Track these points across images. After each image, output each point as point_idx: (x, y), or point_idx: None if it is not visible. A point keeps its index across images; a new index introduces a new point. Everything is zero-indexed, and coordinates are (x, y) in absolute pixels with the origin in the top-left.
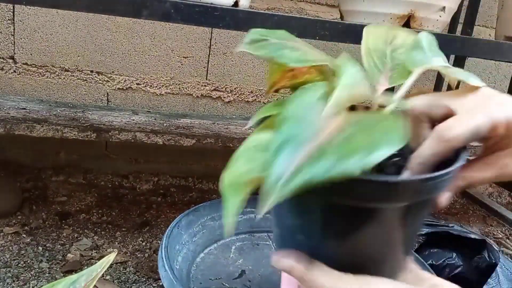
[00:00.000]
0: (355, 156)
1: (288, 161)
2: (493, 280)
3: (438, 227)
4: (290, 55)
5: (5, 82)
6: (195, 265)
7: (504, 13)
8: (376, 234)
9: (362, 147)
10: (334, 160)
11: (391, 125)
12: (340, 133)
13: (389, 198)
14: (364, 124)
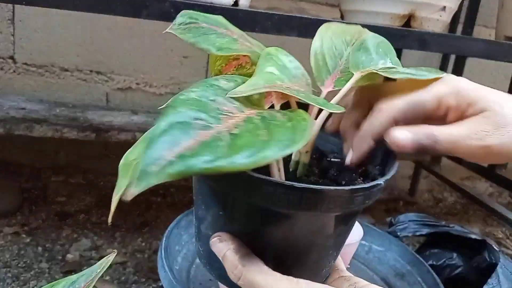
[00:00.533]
0: (239, 155)
1: (168, 148)
2: (493, 280)
3: (439, 227)
4: (214, 41)
5: (5, 82)
6: (194, 266)
7: (504, 13)
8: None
9: (252, 145)
10: (219, 154)
11: (296, 128)
12: (241, 126)
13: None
14: (269, 121)
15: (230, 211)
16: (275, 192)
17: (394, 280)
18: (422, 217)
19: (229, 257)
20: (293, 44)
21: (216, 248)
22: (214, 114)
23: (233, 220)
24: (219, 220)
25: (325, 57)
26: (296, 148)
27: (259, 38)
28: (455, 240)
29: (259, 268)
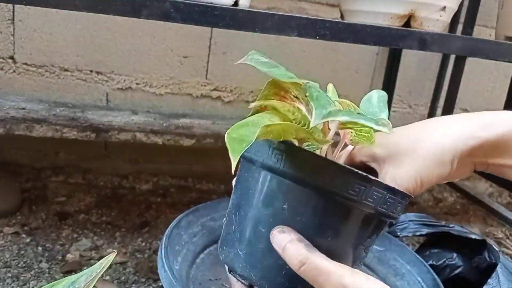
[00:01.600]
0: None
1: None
2: (493, 280)
3: (438, 227)
4: (284, 73)
5: (5, 82)
6: (195, 266)
7: (504, 13)
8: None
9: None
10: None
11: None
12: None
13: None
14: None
15: (295, 204)
16: (350, 181)
17: (394, 280)
18: (422, 217)
19: (293, 245)
20: (293, 44)
21: (277, 239)
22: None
23: (295, 214)
24: (280, 215)
25: None
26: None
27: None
28: (455, 240)
29: (323, 256)
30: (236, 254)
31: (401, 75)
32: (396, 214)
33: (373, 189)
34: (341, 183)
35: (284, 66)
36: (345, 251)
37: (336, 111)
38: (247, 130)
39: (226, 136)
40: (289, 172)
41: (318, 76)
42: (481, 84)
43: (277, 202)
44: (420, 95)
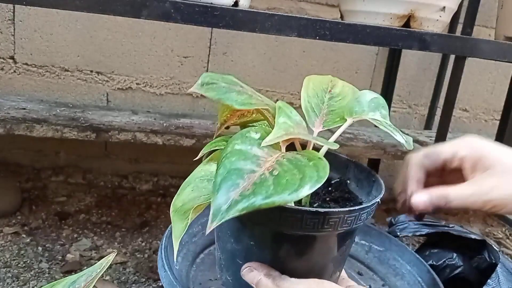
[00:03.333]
0: (287, 190)
1: (232, 190)
2: (493, 281)
3: (438, 227)
4: (236, 98)
5: (5, 82)
6: (195, 266)
7: (504, 13)
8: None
9: (293, 183)
10: (271, 191)
11: (318, 166)
12: (277, 168)
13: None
14: (296, 162)
15: (260, 241)
16: (303, 218)
17: (394, 280)
18: None
19: (263, 282)
20: (293, 44)
21: (248, 277)
22: (254, 160)
23: (262, 248)
24: (250, 250)
25: (312, 104)
26: (323, 181)
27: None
28: (455, 240)
29: (291, 283)
30: (226, 279)
31: (400, 75)
32: (362, 223)
33: (328, 218)
34: (294, 223)
35: (284, 66)
36: (320, 266)
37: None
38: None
39: (172, 208)
40: (245, 218)
41: None
42: (481, 84)
43: (244, 239)
44: (419, 95)
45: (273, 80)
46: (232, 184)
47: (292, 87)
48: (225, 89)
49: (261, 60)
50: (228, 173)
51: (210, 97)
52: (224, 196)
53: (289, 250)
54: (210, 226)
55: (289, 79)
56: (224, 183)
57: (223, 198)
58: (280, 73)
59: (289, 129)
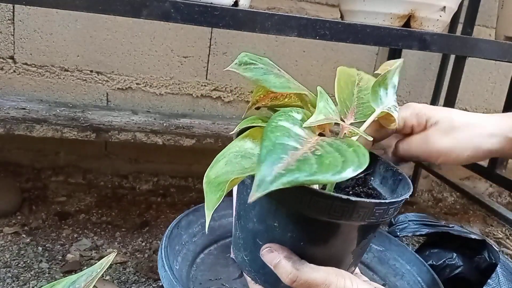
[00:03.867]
0: (330, 170)
1: (277, 163)
2: (493, 281)
3: (438, 227)
4: (274, 81)
5: (5, 82)
6: (195, 266)
7: (504, 13)
8: (336, 244)
9: (336, 165)
10: (315, 169)
11: (358, 153)
12: (319, 149)
13: (348, 215)
14: (337, 146)
15: (284, 223)
16: (333, 204)
17: (394, 280)
18: (422, 217)
19: (283, 265)
20: (293, 44)
21: (267, 258)
22: (296, 139)
23: (286, 230)
24: (272, 231)
25: (344, 96)
26: (364, 168)
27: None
28: (455, 240)
29: (310, 268)
30: (243, 258)
31: (401, 75)
32: (388, 218)
33: (358, 207)
34: (323, 209)
35: (284, 66)
36: (339, 256)
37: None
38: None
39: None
40: (275, 197)
41: (318, 76)
42: (481, 84)
43: (269, 220)
44: (420, 95)
45: None
46: (277, 158)
47: None
48: (263, 70)
49: None
50: (273, 146)
51: (248, 77)
52: (269, 168)
53: (312, 236)
54: (254, 194)
55: None
56: (269, 156)
57: (268, 170)
58: None
59: (329, 114)
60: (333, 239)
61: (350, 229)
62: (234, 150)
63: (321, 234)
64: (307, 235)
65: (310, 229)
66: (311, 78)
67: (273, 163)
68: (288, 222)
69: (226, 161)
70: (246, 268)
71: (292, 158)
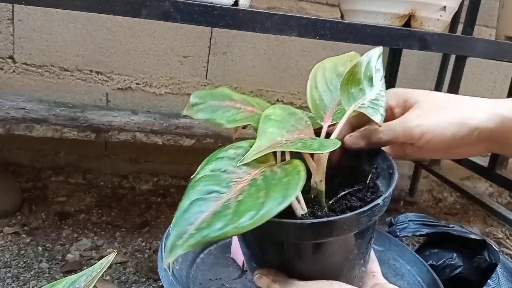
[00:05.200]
0: (242, 218)
1: (190, 224)
2: (493, 281)
3: (438, 227)
4: (222, 116)
5: (5, 82)
6: (195, 266)
7: (504, 13)
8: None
9: (252, 209)
10: (227, 221)
11: (290, 183)
12: (245, 190)
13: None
14: (270, 180)
15: (264, 248)
16: (299, 229)
17: (394, 280)
18: (422, 217)
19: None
20: (293, 44)
21: (259, 284)
22: (225, 184)
23: (267, 255)
24: (257, 255)
25: (321, 94)
26: (289, 201)
27: (259, 38)
28: (455, 240)
29: (297, 286)
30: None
31: (401, 75)
32: (377, 217)
33: (342, 224)
34: (307, 236)
35: (284, 66)
36: (334, 267)
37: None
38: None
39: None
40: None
41: None
42: (481, 84)
43: (252, 244)
44: None
45: (273, 80)
46: (191, 217)
47: (292, 87)
48: (212, 108)
49: (261, 60)
50: (190, 205)
51: (200, 120)
52: (180, 230)
53: (295, 256)
54: (166, 261)
55: (289, 79)
56: (184, 216)
57: (179, 232)
58: (280, 73)
59: (275, 139)
60: (321, 256)
61: (336, 243)
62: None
63: (305, 254)
64: (292, 257)
65: (293, 252)
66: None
67: (186, 224)
68: (269, 248)
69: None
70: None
71: (210, 212)
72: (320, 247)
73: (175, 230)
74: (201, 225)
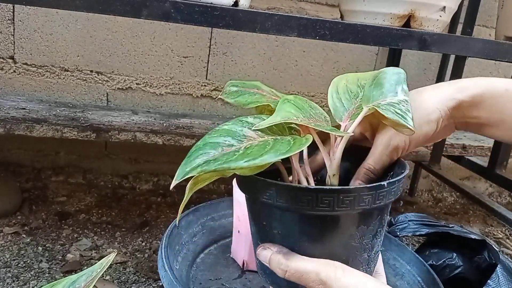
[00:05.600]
0: (245, 158)
1: (200, 157)
2: (493, 281)
3: (438, 227)
4: (247, 98)
5: (5, 82)
6: (195, 266)
7: (504, 13)
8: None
9: (255, 154)
10: (231, 159)
11: (295, 143)
12: (256, 144)
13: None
14: (279, 141)
15: (271, 221)
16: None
17: (394, 280)
18: (422, 217)
19: (274, 258)
20: (293, 44)
21: (262, 256)
22: (238, 138)
23: (272, 229)
24: (263, 231)
25: (341, 99)
26: (289, 154)
27: (259, 38)
28: (455, 240)
29: (300, 258)
30: (258, 262)
31: None
32: (381, 202)
33: (343, 196)
34: (308, 201)
35: (284, 66)
36: (333, 248)
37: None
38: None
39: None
40: (258, 196)
41: (318, 76)
42: None
43: (258, 219)
44: None
45: (273, 80)
46: (203, 153)
47: (292, 87)
48: (241, 92)
49: (261, 60)
50: (204, 144)
51: (230, 102)
52: (192, 160)
53: (299, 231)
54: (173, 182)
55: (289, 79)
56: (195, 151)
57: (189, 163)
58: (280, 73)
59: (290, 117)
60: (321, 231)
61: (339, 220)
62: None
63: (307, 229)
64: (295, 230)
65: (296, 225)
66: (311, 78)
67: (197, 157)
68: (274, 221)
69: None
70: (260, 271)
71: (220, 153)
72: (323, 223)
73: (186, 159)
74: (210, 159)
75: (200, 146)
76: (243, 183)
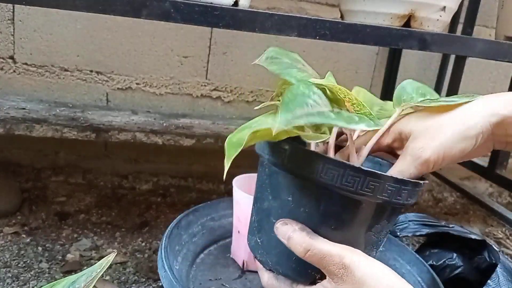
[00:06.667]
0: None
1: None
2: (493, 281)
3: (438, 227)
4: (295, 75)
5: (5, 82)
6: (194, 266)
7: (504, 13)
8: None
9: (352, 119)
10: (333, 118)
11: (374, 120)
12: (337, 110)
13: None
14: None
15: (298, 196)
16: (345, 173)
17: None
18: (422, 217)
19: (297, 235)
20: (293, 44)
21: (281, 231)
22: (314, 99)
23: (298, 204)
24: (286, 207)
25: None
26: (377, 127)
27: (259, 38)
28: (455, 240)
29: (325, 240)
30: (256, 242)
31: (401, 75)
32: (402, 200)
33: (369, 179)
34: (335, 176)
35: None
36: (352, 236)
37: (300, 116)
38: (244, 134)
39: (227, 140)
40: (289, 167)
41: (318, 76)
42: (481, 84)
43: (283, 194)
44: None
45: (273, 80)
46: (299, 104)
47: None
48: (287, 64)
49: None
50: (295, 97)
51: (271, 71)
52: (291, 109)
53: (324, 211)
54: (278, 127)
55: None
56: (292, 102)
57: (291, 110)
58: None
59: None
60: (345, 215)
61: (363, 206)
62: (256, 119)
63: (333, 209)
64: (320, 209)
65: (323, 203)
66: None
67: (295, 107)
68: (301, 196)
69: (247, 125)
70: (258, 251)
71: (313, 109)
72: (347, 205)
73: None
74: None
75: (292, 98)
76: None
